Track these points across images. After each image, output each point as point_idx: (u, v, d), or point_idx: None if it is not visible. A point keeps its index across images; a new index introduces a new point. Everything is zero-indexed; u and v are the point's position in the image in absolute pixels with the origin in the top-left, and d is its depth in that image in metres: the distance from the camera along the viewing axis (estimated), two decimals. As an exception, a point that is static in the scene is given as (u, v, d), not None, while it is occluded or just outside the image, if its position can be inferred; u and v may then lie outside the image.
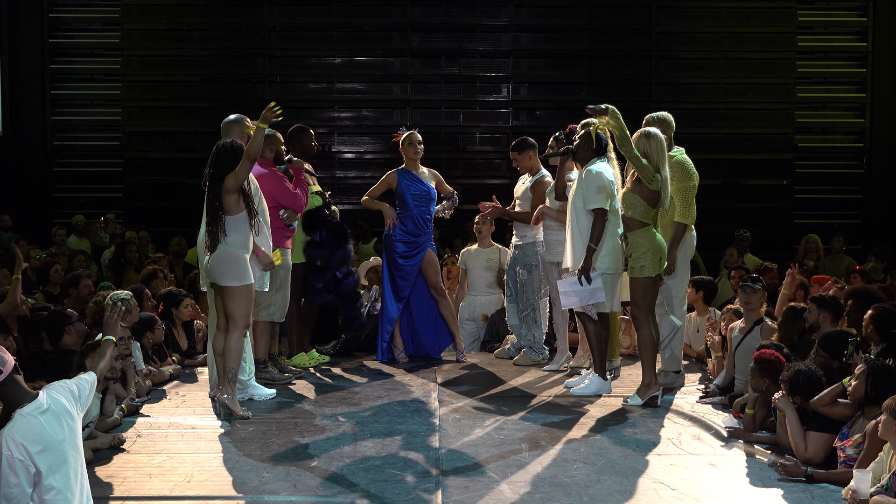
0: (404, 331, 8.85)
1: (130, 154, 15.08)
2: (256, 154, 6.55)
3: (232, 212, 6.49)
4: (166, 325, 8.23)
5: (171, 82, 15.04)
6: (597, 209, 7.05)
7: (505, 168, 14.49)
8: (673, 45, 15.25)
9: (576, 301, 7.13)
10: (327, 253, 8.30)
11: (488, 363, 8.68)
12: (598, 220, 7.05)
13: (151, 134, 15.11)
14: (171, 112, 15.08)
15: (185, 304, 8.50)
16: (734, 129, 15.18)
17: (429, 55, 15.17)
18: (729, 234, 13.20)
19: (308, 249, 8.28)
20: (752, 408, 6.20)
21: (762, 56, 15.18)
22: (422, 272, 8.69)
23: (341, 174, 15.18)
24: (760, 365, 6.17)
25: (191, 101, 14.96)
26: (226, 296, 6.55)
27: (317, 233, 8.29)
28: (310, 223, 8.30)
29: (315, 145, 8.48)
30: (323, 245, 8.30)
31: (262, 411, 6.79)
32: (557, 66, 15.23)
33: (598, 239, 7.04)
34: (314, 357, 8.51)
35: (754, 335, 6.98)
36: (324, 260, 8.30)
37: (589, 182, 7.11)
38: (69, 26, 15.19)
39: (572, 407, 6.97)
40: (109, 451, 5.77)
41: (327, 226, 8.34)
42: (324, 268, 8.30)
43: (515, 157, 8.51)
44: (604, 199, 7.04)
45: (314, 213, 8.28)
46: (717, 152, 14.97)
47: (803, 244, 12.66)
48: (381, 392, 7.42)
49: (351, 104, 15.22)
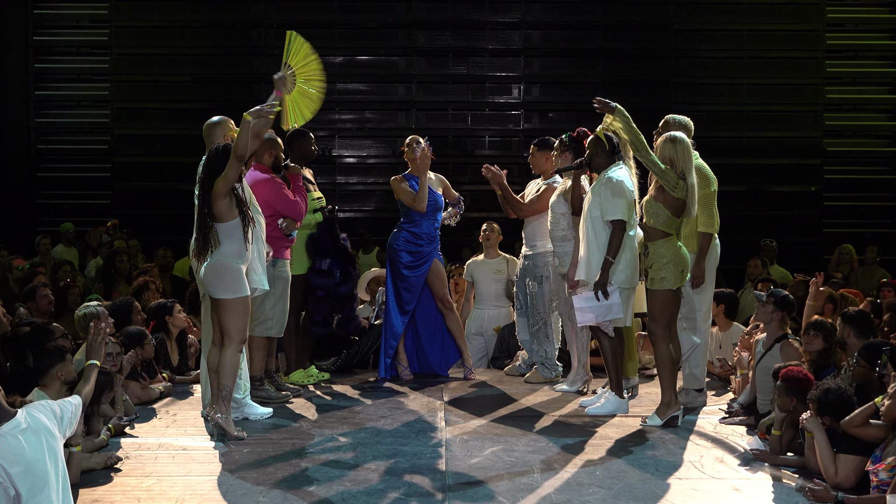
0: (409, 346, 8.85)
1: (119, 158, 15.13)
2: (244, 150, 6.49)
3: (224, 218, 6.46)
4: (158, 339, 8.23)
5: (162, 82, 15.10)
6: (615, 220, 7.03)
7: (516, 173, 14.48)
8: (692, 44, 15.26)
9: (591, 317, 7.12)
10: (332, 284, 8.32)
11: (498, 381, 8.67)
12: (617, 232, 7.03)
13: (141, 137, 15.16)
14: (162, 114, 15.12)
15: (178, 309, 8.52)
16: (758, 132, 15.18)
17: (435, 54, 15.20)
18: (754, 243, 13.18)
19: (312, 276, 8.29)
20: (778, 429, 6.18)
21: (788, 55, 15.18)
22: (428, 284, 8.70)
23: (342, 180, 15.21)
24: (787, 383, 6.15)
25: (183, 102, 15.00)
26: (220, 309, 6.55)
27: (323, 260, 8.30)
28: (316, 248, 8.29)
29: (315, 150, 8.50)
30: (328, 275, 8.31)
31: (258, 431, 6.78)
32: (571, 65, 15.26)
33: (616, 252, 7.03)
34: (313, 374, 8.51)
35: (774, 353, 6.96)
36: (326, 291, 8.32)
37: (608, 190, 7.08)
38: (54, 23, 15.26)
39: (587, 427, 6.95)
40: (97, 474, 5.77)
41: (336, 255, 8.35)
42: (325, 299, 8.32)
43: (534, 153, 8.51)
44: (624, 210, 7.02)
45: (322, 238, 8.29)
46: (741, 157, 14.97)
47: (836, 255, 12.63)
48: (384, 411, 7.41)
49: (353, 106, 15.25)
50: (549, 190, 8.30)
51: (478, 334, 9.65)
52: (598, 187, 7.19)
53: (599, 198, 7.12)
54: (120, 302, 8.39)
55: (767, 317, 7.11)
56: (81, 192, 15.10)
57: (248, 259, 6.61)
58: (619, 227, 7.03)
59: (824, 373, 6.53)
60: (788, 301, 7.14)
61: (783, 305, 7.09)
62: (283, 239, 7.72)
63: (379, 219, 14.26)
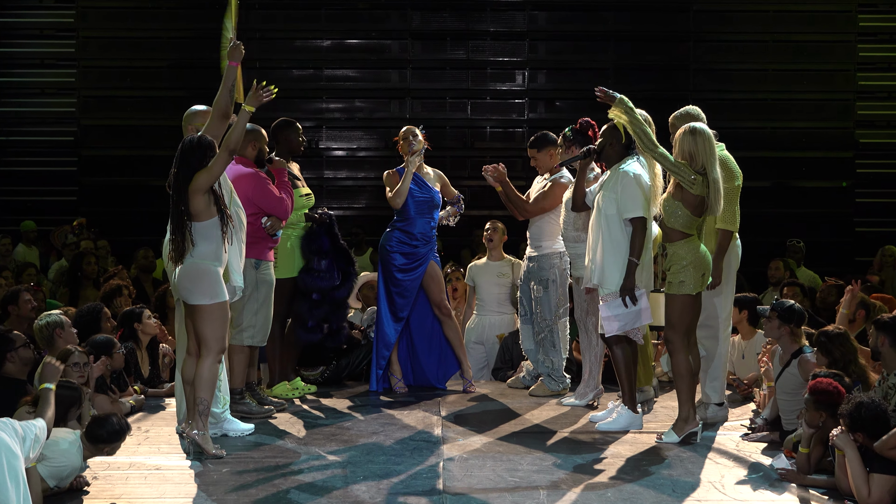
0: (403, 356, 8.85)
1: (87, 151, 15.13)
2: (237, 143, 6.51)
3: (201, 217, 6.46)
4: (129, 349, 8.23)
5: (134, 68, 15.11)
6: (636, 218, 7.04)
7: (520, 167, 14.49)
8: (713, 26, 15.28)
9: (618, 326, 7.10)
10: (329, 286, 8.32)
11: (500, 394, 8.67)
12: (639, 231, 7.05)
13: (111, 128, 15.16)
14: (135, 102, 15.14)
15: (148, 314, 8.50)
16: (784, 122, 15.20)
17: (432, 37, 15.22)
18: (779, 244, 13.19)
19: (305, 277, 8.29)
20: (806, 446, 6.18)
21: (817, 38, 15.21)
22: (423, 288, 8.69)
23: (330, 174, 15.22)
24: (816, 396, 6.14)
25: (157, 89, 15.02)
26: (196, 316, 6.54)
27: (321, 260, 8.30)
28: (313, 247, 8.30)
29: (303, 142, 8.50)
30: (326, 276, 8.31)
31: (238, 449, 6.78)
32: (580, 49, 15.28)
33: (640, 252, 7.03)
34: (299, 387, 8.51)
35: (792, 370, 6.96)
36: (322, 294, 8.33)
37: (625, 186, 7.08)
38: (16, 4, 15.26)
39: (598, 444, 6.95)
40: (62, 496, 5.76)
41: (335, 255, 8.36)
42: (321, 302, 8.33)
43: (534, 156, 8.51)
44: (644, 207, 7.03)
45: (320, 236, 8.29)
46: (766, 150, 14.99)
47: (878, 257, 12.61)
48: (376, 427, 7.41)
49: (341, 94, 15.27)
50: (558, 186, 8.28)
51: (478, 343, 9.66)
52: (611, 182, 7.19)
53: (615, 194, 7.11)
54: (87, 308, 8.38)
55: (776, 332, 7.11)
56: (45, 187, 15.11)
57: (226, 262, 6.61)
58: (640, 224, 7.04)
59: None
60: (794, 312, 7.09)
61: (788, 318, 7.06)
62: (266, 239, 7.72)
63: (370, 217, 14.26)
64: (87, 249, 11.84)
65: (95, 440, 5.90)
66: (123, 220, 14.57)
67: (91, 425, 5.99)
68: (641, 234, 7.05)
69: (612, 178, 7.22)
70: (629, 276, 7.02)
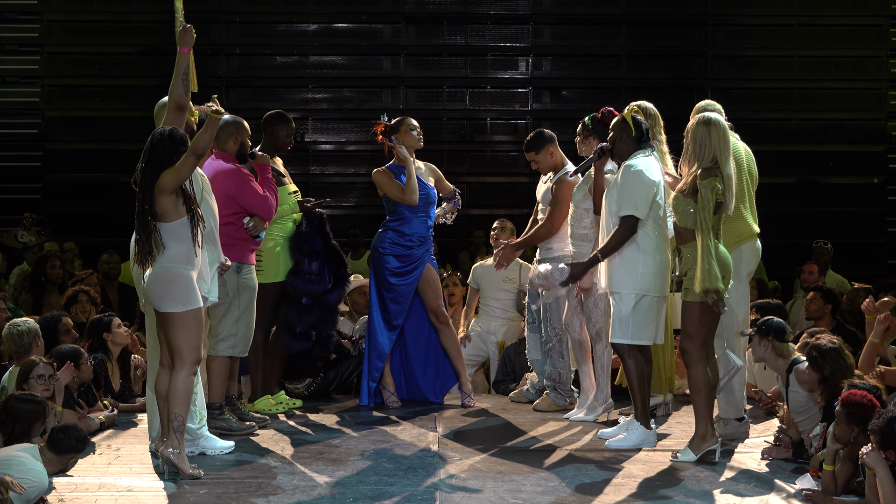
0: (396, 368, 8.87)
1: (51, 145, 15.13)
2: (204, 149, 6.56)
3: (168, 218, 6.48)
4: (98, 360, 8.24)
5: (102, 54, 15.11)
6: (625, 217, 7.11)
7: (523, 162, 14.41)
8: (734, 8, 15.30)
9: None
10: (320, 290, 8.34)
11: (501, 408, 8.69)
12: (622, 230, 7.14)
13: (77, 119, 15.16)
14: (103, 92, 15.14)
15: (117, 323, 8.50)
16: (811, 113, 15.22)
17: (427, 21, 15.23)
18: (805, 246, 13.21)
19: (294, 280, 8.32)
20: (830, 463, 6.19)
21: (847, 22, 15.22)
22: (419, 294, 8.72)
23: (316, 170, 15.22)
24: (849, 409, 6.13)
25: (127, 78, 15.02)
26: (168, 324, 6.55)
27: (312, 262, 8.31)
28: (302, 247, 8.32)
29: (291, 140, 8.51)
30: (317, 279, 8.33)
31: (217, 469, 6.79)
32: (589, 34, 15.29)
33: (610, 252, 7.12)
34: (283, 401, 8.53)
35: (793, 386, 6.99)
36: (314, 298, 8.35)
37: (623, 181, 7.15)
38: (-26, -16, 15.26)
39: (608, 463, 6.97)
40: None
41: (327, 256, 8.38)
42: (311, 308, 8.34)
43: (534, 158, 8.52)
44: (640, 205, 7.07)
45: (311, 236, 8.31)
46: (790, 143, 15.01)
47: None
48: (367, 445, 7.43)
49: (329, 82, 15.27)
50: (564, 185, 8.29)
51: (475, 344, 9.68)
52: (616, 178, 7.25)
53: (616, 189, 7.20)
54: (46, 319, 8.39)
55: (759, 350, 7.18)
56: (6, 184, 15.08)
57: (199, 265, 6.62)
58: (627, 224, 7.12)
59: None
60: (771, 325, 7.15)
61: (765, 331, 7.12)
62: (248, 241, 7.74)
63: (361, 217, 14.27)
64: (51, 252, 11.84)
65: (62, 449, 5.91)
66: (91, 220, 14.57)
67: (54, 436, 6.00)
68: (623, 233, 7.13)
69: (619, 173, 7.29)
70: (583, 267, 7.26)
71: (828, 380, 6.60)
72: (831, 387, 6.54)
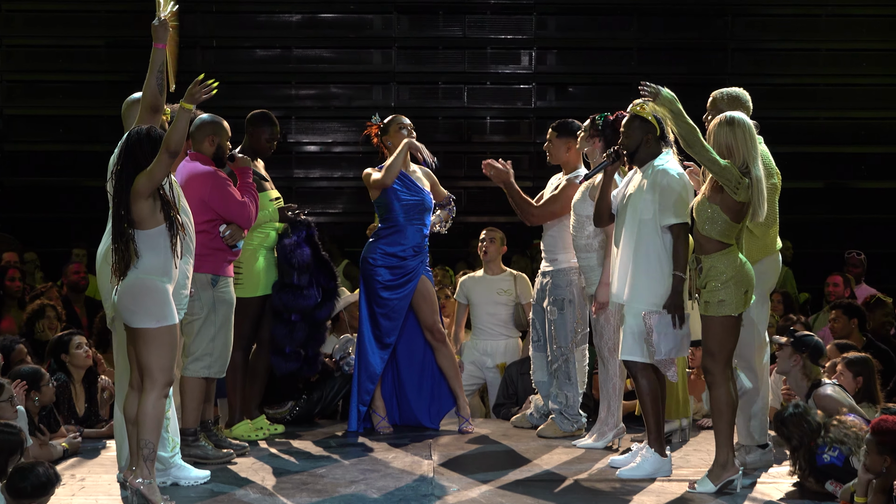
0: (388, 390, 8.86)
1: (9, 146, 15.14)
2: (178, 145, 6.54)
3: (145, 225, 6.47)
4: (60, 382, 8.23)
5: (66, 48, 15.12)
6: (677, 225, 7.11)
7: (526, 165, 14.56)
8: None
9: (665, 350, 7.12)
10: (309, 306, 8.34)
11: (503, 434, 8.68)
12: (682, 241, 7.14)
13: (39, 118, 15.17)
14: (67, 88, 15.15)
15: (77, 343, 8.46)
16: (839, 111, 15.25)
17: (421, 10, 15.26)
18: (835, 256, 13.21)
19: (283, 295, 8.31)
20: (862, 495, 6.20)
21: (878, 13, 15.25)
22: (413, 309, 8.71)
23: (300, 173, 15.24)
24: (880, 437, 6.15)
25: (94, 73, 15.03)
26: (139, 341, 6.54)
27: (301, 275, 8.31)
28: (290, 259, 8.31)
29: (272, 145, 8.52)
30: (304, 294, 8.32)
31: (191, 501, 6.78)
32: (597, 25, 15.31)
33: (686, 266, 7.08)
34: (263, 426, 8.52)
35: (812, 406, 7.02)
36: (302, 315, 8.34)
37: (667, 187, 7.12)
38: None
39: (619, 494, 6.97)
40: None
41: (316, 268, 8.37)
42: (300, 325, 8.34)
43: (552, 139, 8.52)
44: (687, 211, 7.09)
45: (300, 246, 8.31)
46: (817, 144, 15.04)
47: None
48: (356, 475, 7.42)
49: (314, 78, 15.29)
50: (571, 187, 8.32)
51: (473, 364, 9.69)
52: (647, 182, 7.20)
53: (653, 195, 7.14)
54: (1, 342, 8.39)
55: (786, 364, 7.19)
56: (-40, 189, 15.11)
57: (176, 278, 6.61)
58: (683, 232, 7.12)
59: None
60: (811, 343, 7.15)
61: (802, 347, 7.12)
62: (225, 251, 7.73)
63: (350, 224, 14.27)
64: (9, 262, 11.82)
65: (18, 495, 5.88)
66: (53, 228, 14.56)
67: (13, 476, 5.96)
68: (685, 243, 7.11)
69: (648, 177, 7.23)
70: (675, 292, 7.07)
71: (797, 449, 6.80)
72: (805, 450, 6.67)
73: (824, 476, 6.63)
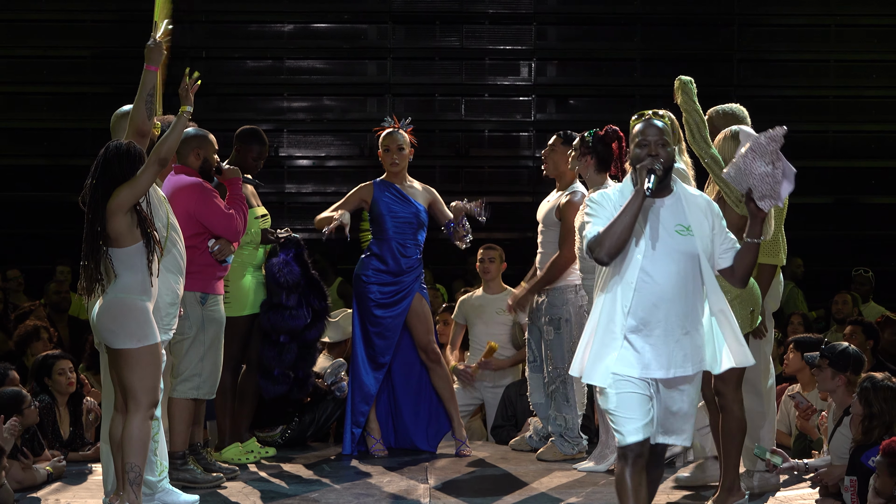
0: (383, 412, 8.87)
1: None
2: (170, 152, 6.55)
3: (122, 242, 6.45)
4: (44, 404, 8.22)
5: (50, 58, 15.13)
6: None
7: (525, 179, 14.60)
8: (762, 7, 15.37)
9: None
10: (299, 326, 8.35)
11: (501, 457, 8.69)
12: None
13: (22, 132, 15.17)
14: (51, 101, 15.16)
15: (61, 368, 8.44)
16: (849, 125, 15.27)
17: (417, 20, 15.28)
18: (843, 273, 13.23)
19: (271, 316, 8.33)
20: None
21: (889, 23, 15.28)
22: (408, 328, 8.73)
23: (292, 188, 15.24)
24: (890, 459, 6.16)
25: (79, 84, 15.05)
26: (121, 363, 6.53)
27: (289, 295, 8.32)
28: (279, 278, 8.30)
29: (259, 165, 8.54)
30: (294, 314, 8.33)
31: (180, 526, 6.80)
32: (599, 35, 15.35)
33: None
34: (254, 449, 8.53)
35: (845, 429, 7.01)
36: (292, 335, 8.36)
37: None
38: None
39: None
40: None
41: (306, 288, 8.39)
42: (290, 346, 8.35)
43: (555, 148, 8.45)
44: None
45: (289, 265, 8.32)
46: (826, 158, 15.06)
47: None
48: (350, 499, 7.43)
49: (306, 90, 15.31)
50: (573, 207, 8.29)
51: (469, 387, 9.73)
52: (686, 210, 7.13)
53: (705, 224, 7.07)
54: None
55: (830, 384, 7.15)
56: (-60, 205, 15.11)
57: (155, 296, 6.61)
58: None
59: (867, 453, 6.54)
60: (850, 356, 7.15)
61: (843, 364, 7.11)
62: (215, 266, 7.73)
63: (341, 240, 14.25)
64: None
65: None
66: (36, 246, 14.55)
67: None
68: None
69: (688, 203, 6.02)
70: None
71: (873, 418, 6.61)
72: (871, 430, 6.57)
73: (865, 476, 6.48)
